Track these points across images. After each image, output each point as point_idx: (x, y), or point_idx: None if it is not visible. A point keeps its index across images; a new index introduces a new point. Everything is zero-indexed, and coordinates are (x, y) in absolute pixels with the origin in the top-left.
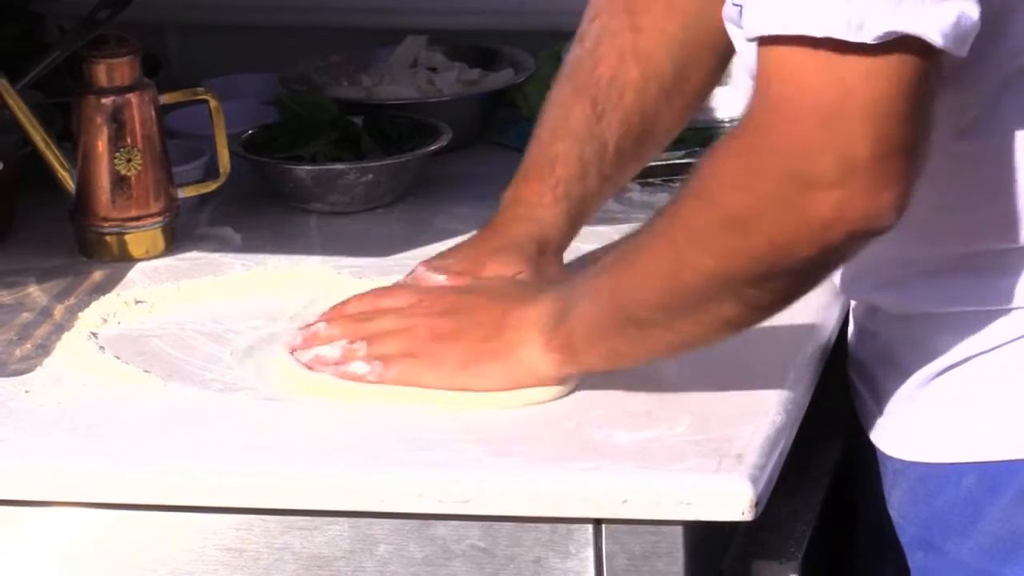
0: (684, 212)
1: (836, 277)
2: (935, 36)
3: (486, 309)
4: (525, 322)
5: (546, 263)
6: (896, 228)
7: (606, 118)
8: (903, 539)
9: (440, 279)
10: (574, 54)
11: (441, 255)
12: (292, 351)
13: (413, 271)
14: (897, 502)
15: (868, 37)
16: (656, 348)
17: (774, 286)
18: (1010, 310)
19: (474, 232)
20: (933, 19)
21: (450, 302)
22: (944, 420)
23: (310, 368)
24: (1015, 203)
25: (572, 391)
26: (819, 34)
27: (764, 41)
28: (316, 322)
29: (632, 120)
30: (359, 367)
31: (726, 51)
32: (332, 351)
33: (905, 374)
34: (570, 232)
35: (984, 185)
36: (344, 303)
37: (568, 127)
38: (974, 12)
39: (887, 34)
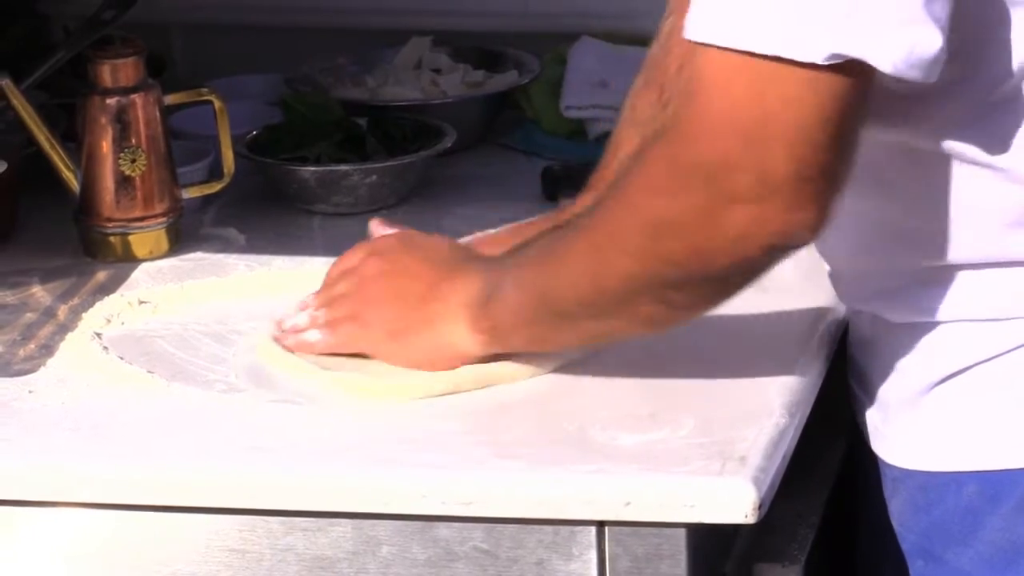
0: (608, 213)
1: (835, 284)
2: (884, 63)
3: (420, 276)
4: (452, 298)
5: None
6: (895, 238)
7: (672, 104)
8: (903, 547)
9: (389, 230)
10: (650, 51)
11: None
12: (277, 324)
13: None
14: (897, 510)
15: (815, 57)
16: (581, 337)
17: (694, 290)
18: (1010, 319)
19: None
20: (884, 45)
21: (389, 261)
22: (944, 428)
23: (283, 340)
24: (1012, 217)
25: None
26: (766, 51)
27: (699, 49)
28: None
29: None
30: (311, 335)
31: None
32: (301, 319)
33: (905, 382)
34: None
35: (981, 201)
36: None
37: (635, 114)
38: (935, 41)
39: (834, 56)
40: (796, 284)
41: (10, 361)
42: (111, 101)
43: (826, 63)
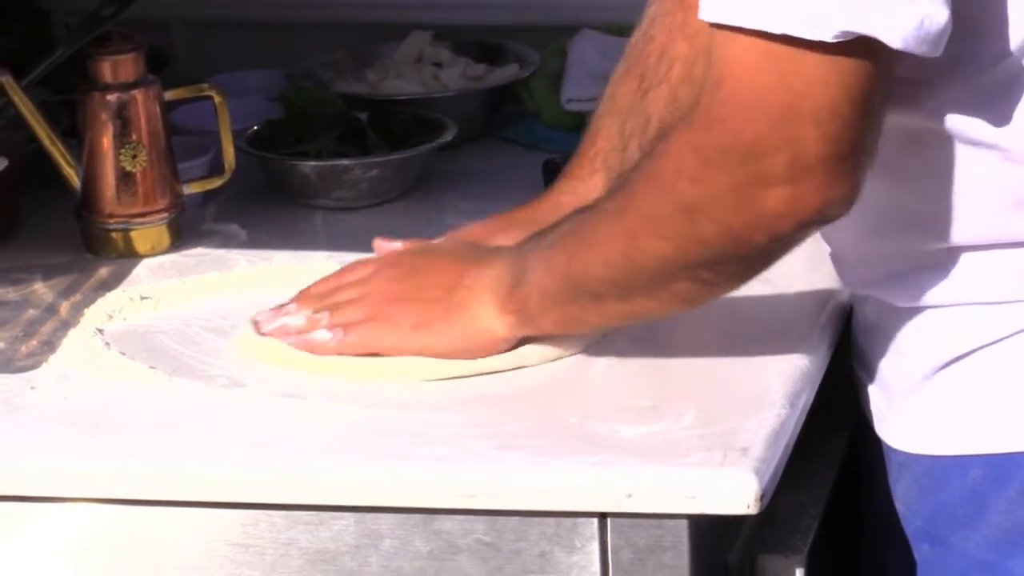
0: (638, 197)
1: (838, 270)
2: (893, 38)
3: (440, 270)
4: (480, 283)
5: None
6: (899, 221)
7: (652, 92)
8: (908, 531)
9: (395, 245)
10: (632, 37)
11: (466, 224)
12: (256, 325)
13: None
14: (902, 494)
15: (825, 35)
16: (611, 317)
17: (728, 268)
18: (1014, 302)
19: None
20: (893, 21)
21: (405, 266)
22: (949, 412)
23: (273, 337)
24: (1015, 198)
25: (524, 366)
26: (776, 30)
27: (719, 27)
28: (287, 303)
29: (679, 94)
30: (320, 335)
31: None
32: (296, 320)
33: (910, 366)
34: None
35: (984, 181)
36: (310, 286)
37: (615, 103)
38: (941, 15)
39: (844, 33)
40: (799, 273)
41: (12, 357)
42: (112, 97)
43: (837, 41)
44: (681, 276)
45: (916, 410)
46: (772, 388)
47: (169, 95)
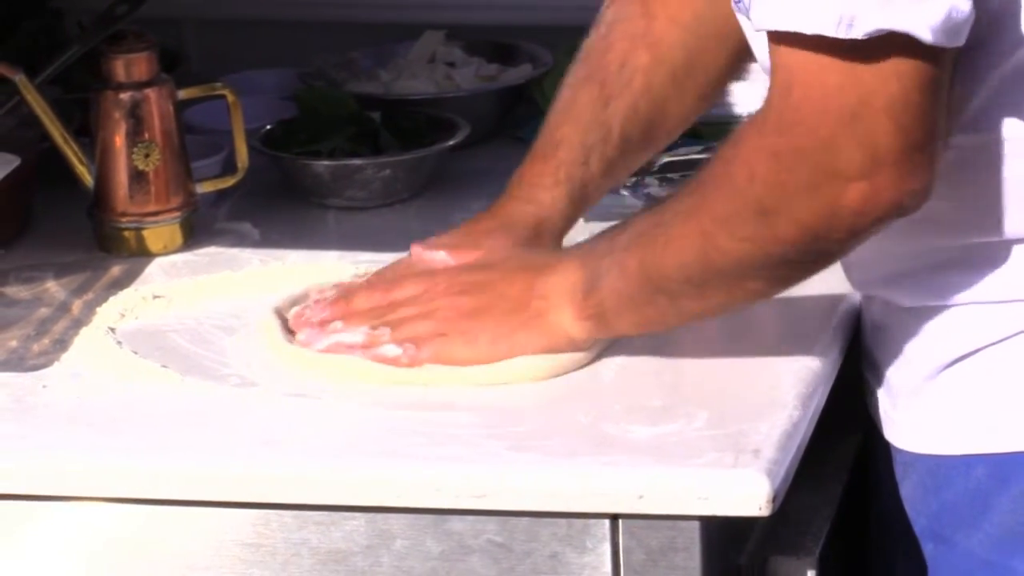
0: (711, 199)
1: (847, 271)
2: (924, 32)
3: (507, 281)
4: (554, 291)
5: (542, 245)
6: (906, 221)
7: (613, 103)
8: (914, 531)
9: (440, 255)
10: (589, 39)
11: (437, 236)
12: (296, 339)
13: (399, 261)
14: (908, 494)
15: (857, 34)
16: (686, 315)
17: (802, 266)
18: (1019, 301)
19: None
20: (922, 15)
21: (468, 280)
22: (953, 412)
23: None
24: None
25: (593, 360)
26: (809, 31)
27: (778, 39)
28: (316, 313)
29: (640, 106)
30: (390, 350)
31: (742, 45)
32: (354, 336)
33: (914, 366)
34: (571, 216)
35: (992, 178)
36: (348, 298)
37: (575, 112)
38: (965, 4)
39: (876, 31)
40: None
41: (24, 356)
42: (124, 96)
43: (887, 41)
44: (760, 275)
45: (921, 410)
46: (784, 390)
47: (182, 94)
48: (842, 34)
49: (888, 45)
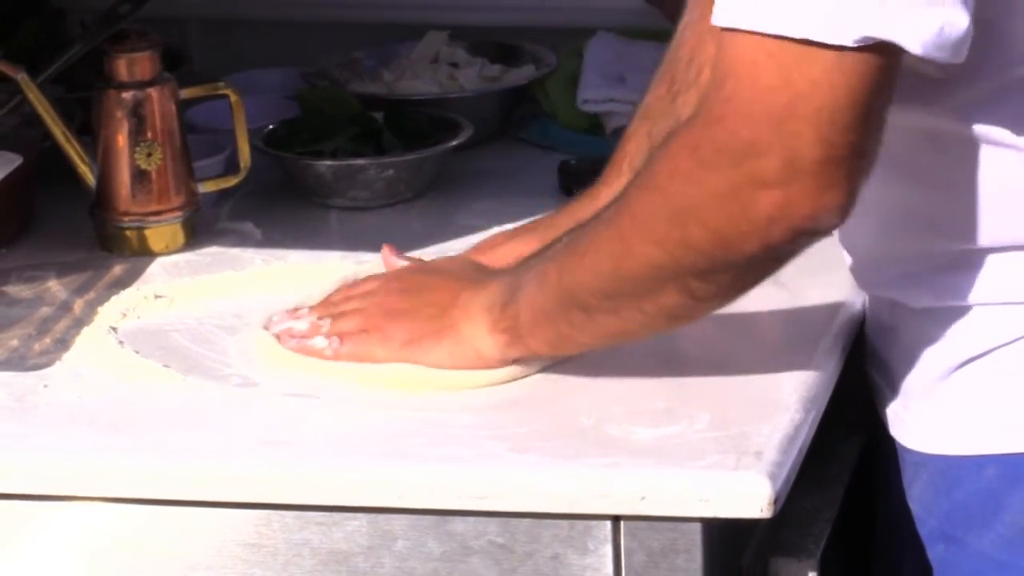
0: (632, 201)
1: (854, 272)
2: (913, 43)
3: (438, 289)
4: (473, 303)
5: None
6: (916, 222)
7: (681, 96)
8: (923, 532)
9: (402, 262)
10: (670, 45)
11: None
12: (269, 326)
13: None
14: (918, 495)
15: (846, 40)
16: (601, 335)
17: (718, 279)
18: None
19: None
20: (914, 26)
21: (406, 282)
22: (964, 412)
23: (279, 339)
24: None
25: (526, 375)
26: (796, 35)
27: (732, 31)
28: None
29: None
30: (318, 341)
31: None
32: (300, 324)
33: (925, 367)
34: None
35: (1001, 182)
36: (331, 293)
37: (647, 108)
38: (962, 21)
39: (865, 38)
40: (812, 278)
41: (26, 355)
42: (127, 95)
43: (856, 46)
44: (670, 287)
45: (931, 410)
46: (786, 392)
47: (185, 93)
48: (828, 39)
49: (841, 53)
